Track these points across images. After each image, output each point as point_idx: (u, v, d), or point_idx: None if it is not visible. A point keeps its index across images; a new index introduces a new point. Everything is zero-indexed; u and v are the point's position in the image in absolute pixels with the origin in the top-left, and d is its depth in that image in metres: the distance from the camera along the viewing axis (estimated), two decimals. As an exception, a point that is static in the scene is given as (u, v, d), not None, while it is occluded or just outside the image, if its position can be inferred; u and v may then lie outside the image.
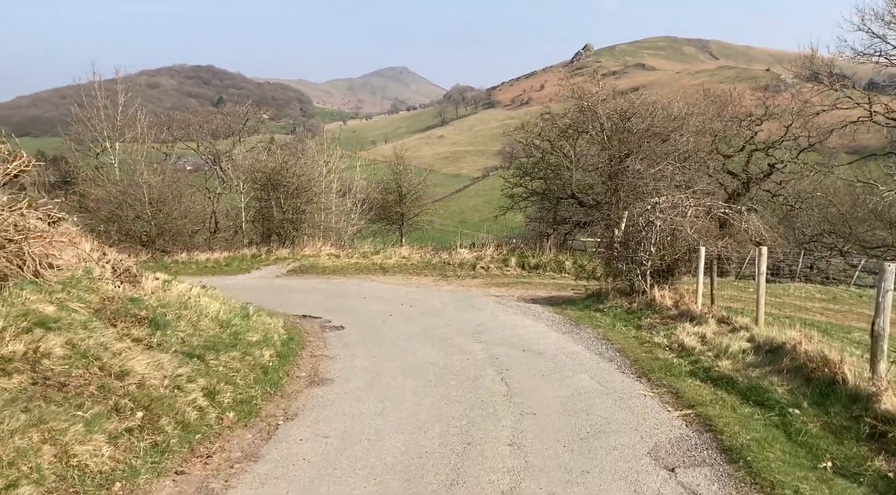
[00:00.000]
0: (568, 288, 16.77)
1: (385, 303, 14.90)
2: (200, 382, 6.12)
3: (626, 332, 10.27)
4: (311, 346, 9.85)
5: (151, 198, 29.61)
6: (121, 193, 30.01)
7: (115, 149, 33.74)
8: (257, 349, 8.05)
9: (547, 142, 20.72)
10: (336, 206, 29.93)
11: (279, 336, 9.42)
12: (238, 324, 8.87)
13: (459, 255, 20.65)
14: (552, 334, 10.43)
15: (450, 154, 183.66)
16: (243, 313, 9.77)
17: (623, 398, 6.85)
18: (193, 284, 11.55)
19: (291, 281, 20.35)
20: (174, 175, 33.20)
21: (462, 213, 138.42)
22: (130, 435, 4.71)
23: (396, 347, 9.72)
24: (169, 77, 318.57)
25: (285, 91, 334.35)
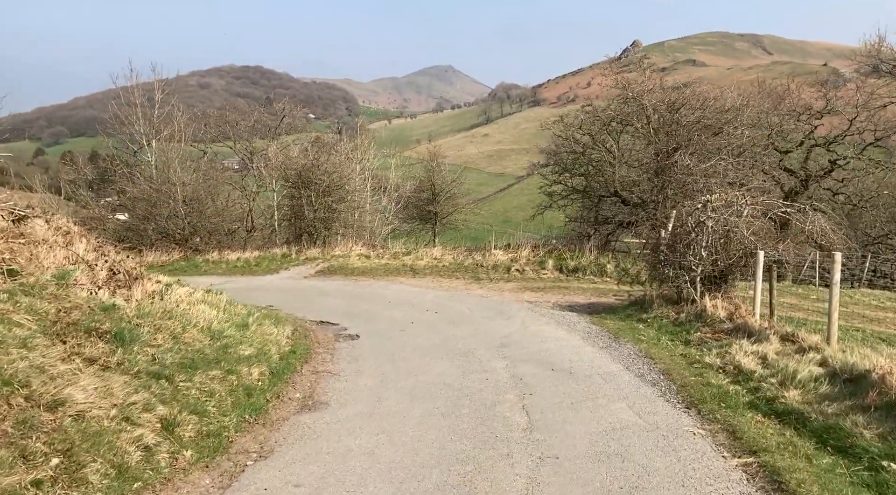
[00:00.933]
0: (609, 293, 15.47)
1: (409, 308, 13.88)
2: (159, 411, 5.16)
3: (673, 349, 8.98)
4: (317, 360, 8.87)
5: (185, 197, 29.28)
6: (155, 191, 29.79)
7: (151, 147, 33.64)
8: (246, 365, 7.09)
9: (588, 136, 19.35)
10: (370, 205, 29.10)
11: (279, 348, 8.45)
12: (231, 336, 7.94)
13: (493, 257, 19.49)
14: (587, 349, 9.21)
15: (494, 152, 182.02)
16: (242, 322, 8.85)
17: (667, 437, 5.62)
18: (197, 288, 10.73)
19: (318, 282, 19.55)
20: (209, 173, 32.90)
21: (506, 213, 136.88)
22: (37, 490, 3.75)
23: (410, 363, 8.65)
24: (218, 77, 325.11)
25: (331, 90, 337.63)
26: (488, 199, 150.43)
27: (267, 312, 11.80)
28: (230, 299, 11.06)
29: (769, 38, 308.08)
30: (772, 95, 27.52)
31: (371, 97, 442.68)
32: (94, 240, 11.61)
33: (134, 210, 31.01)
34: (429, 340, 10.19)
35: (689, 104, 17.63)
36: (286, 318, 12.08)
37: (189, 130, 36.69)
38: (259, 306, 15.24)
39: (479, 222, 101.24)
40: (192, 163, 33.16)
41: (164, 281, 10.41)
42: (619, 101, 18.80)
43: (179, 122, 34.66)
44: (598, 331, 10.57)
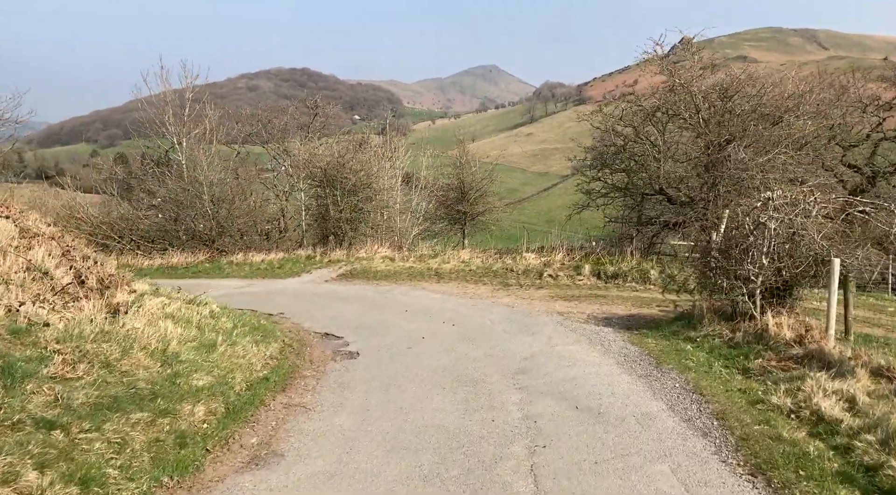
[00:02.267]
0: (652, 303, 13.72)
1: (426, 319, 12.45)
2: (25, 481, 3.83)
3: (728, 380, 7.29)
4: (297, 387, 7.48)
5: (213, 196, 28.49)
6: (182, 191, 29.10)
7: (182, 147, 33.02)
8: (192, 402, 5.74)
9: (630, 127, 17.56)
10: (399, 205, 27.78)
11: (248, 375, 7.10)
12: (188, 361, 6.62)
13: (524, 261, 17.89)
14: (622, 379, 7.58)
15: (538, 152, 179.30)
16: (210, 342, 7.52)
17: (727, 527, 4.03)
18: (176, 298, 9.49)
19: (338, 287, 18.30)
20: (237, 172, 32.12)
21: (550, 212, 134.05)
22: None
23: (405, 393, 7.19)
24: (266, 80, 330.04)
25: (376, 92, 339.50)
26: (532, 199, 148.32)
27: (260, 325, 10.52)
28: (215, 311, 9.80)
29: (825, 33, 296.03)
30: (833, 85, 25.13)
31: (416, 98, 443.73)
32: (70, 242, 10.51)
33: (163, 210, 30.39)
34: (436, 361, 8.72)
35: (744, 91, 15.71)
36: (281, 332, 10.79)
37: (221, 129, 36.04)
38: (269, 314, 14.28)
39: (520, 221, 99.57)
40: (222, 162, 32.42)
41: (141, 289, 9.21)
42: (664, 89, 16.97)
43: (211, 121, 33.99)
44: (638, 353, 8.91)
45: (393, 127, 62.11)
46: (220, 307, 10.96)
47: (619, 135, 17.70)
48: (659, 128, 17.07)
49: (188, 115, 33.61)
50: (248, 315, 11.32)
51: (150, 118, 33.16)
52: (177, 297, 9.66)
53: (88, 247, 27.63)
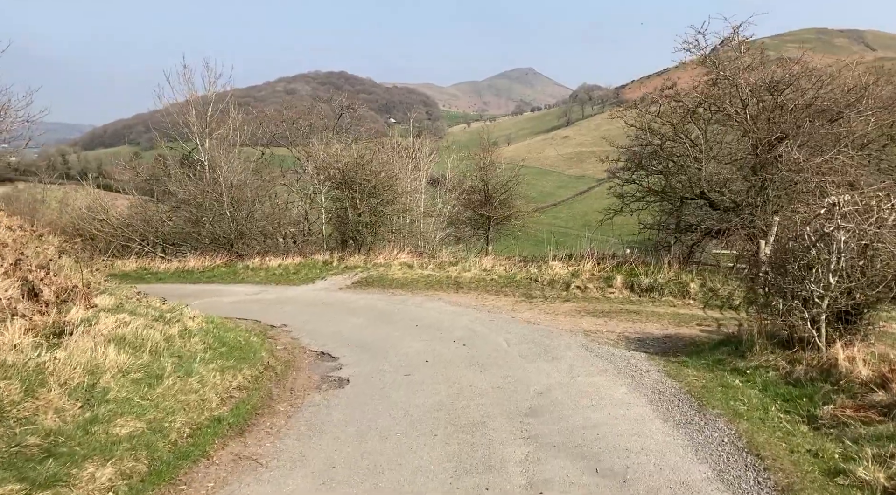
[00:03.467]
0: (692, 322, 12.16)
1: (435, 337, 11.14)
2: None
3: (792, 434, 5.78)
4: (258, 429, 6.21)
5: (233, 198, 27.65)
6: (201, 193, 28.34)
7: (204, 148, 32.29)
8: (100, 461, 4.51)
9: (668, 125, 15.94)
10: (424, 208, 26.52)
11: (195, 418, 5.84)
12: (119, 400, 5.41)
13: (550, 270, 16.41)
14: (657, 427, 6.13)
15: (574, 154, 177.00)
16: (156, 372, 6.30)
17: None
18: (144, 313, 8.32)
19: (350, 295, 17.14)
20: (260, 174, 31.26)
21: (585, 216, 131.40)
22: None
23: (386, 443, 5.86)
24: (304, 83, 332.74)
25: (411, 95, 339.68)
26: (567, 202, 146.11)
27: (242, 344, 9.32)
28: (190, 328, 8.60)
29: (872, 34, 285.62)
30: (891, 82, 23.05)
31: (451, 101, 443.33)
32: (34, 249, 9.45)
33: (182, 212, 29.68)
34: (434, 396, 7.37)
35: (798, 85, 14.01)
36: (268, 352, 9.59)
37: (246, 130, 35.26)
38: (271, 325, 13.25)
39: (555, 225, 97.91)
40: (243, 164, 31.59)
41: (103, 304, 8.06)
42: (706, 82, 15.33)
43: (234, 121, 33.22)
44: (676, 389, 7.41)
45: (427, 129, 60.89)
46: (201, 322, 9.81)
47: (655, 133, 16.09)
48: (700, 126, 15.42)
49: (211, 115, 32.88)
50: (233, 332, 10.15)
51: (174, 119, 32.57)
52: (147, 312, 8.50)
53: (85, 251, 26.84)
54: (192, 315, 10.13)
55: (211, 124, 32.36)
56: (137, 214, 32.36)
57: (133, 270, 25.36)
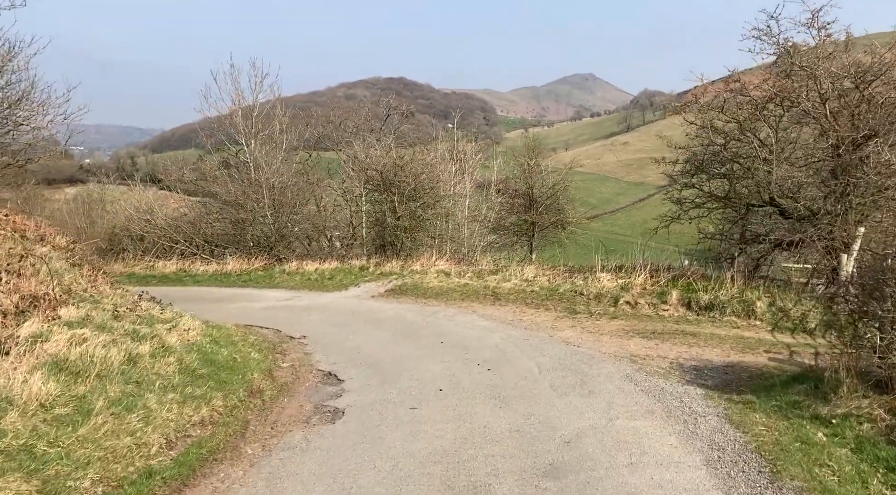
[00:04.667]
0: (759, 348, 10.46)
1: (458, 358, 9.85)
2: None
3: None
4: (201, 488, 5.01)
5: (274, 201, 27.05)
6: (242, 194, 27.84)
7: (249, 148, 31.86)
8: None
9: (733, 122, 14.13)
10: (467, 212, 25.23)
11: (118, 470, 4.69)
12: (14, 448, 4.30)
13: (598, 283, 14.84)
14: (714, 501, 4.67)
15: (633, 161, 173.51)
16: (86, 408, 5.18)
17: None
18: (117, 328, 7.30)
19: (381, 305, 16.04)
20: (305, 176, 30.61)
21: (644, 223, 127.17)
22: None
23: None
24: (364, 89, 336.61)
25: (470, 100, 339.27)
26: (626, 209, 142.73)
27: (237, 363, 8.23)
28: (170, 345, 7.55)
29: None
30: None
31: (509, 106, 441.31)
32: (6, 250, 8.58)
33: (226, 214, 29.27)
34: (435, 441, 6.06)
35: (890, 75, 12.08)
36: (264, 372, 8.47)
37: (293, 131, 34.74)
38: (290, 337, 12.35)
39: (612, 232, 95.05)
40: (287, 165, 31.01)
41: (68, 317, 7.08)
42: (778, 74, 13.50)
43: (281, 121, 32.69)
44: (740, 443, 5.88)
45: (484, 134, 59.20)
46: (195, 335, 8.80)
47: (718, 132, 14.31)
48: (771, 124, 13.60)
49: (256, 116, 32.41)
50: (230, 347, 9.11)
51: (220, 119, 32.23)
52: (123, 325, 7.48)
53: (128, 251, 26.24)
54: (186, 326, 9.15)
55: (257, 125, 31.89)
56: (184, 216, 32.25)
57: (173, 272, 25.02)
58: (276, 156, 29.75)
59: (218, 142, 33.97)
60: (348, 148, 25.65)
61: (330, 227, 29.05)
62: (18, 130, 19.81)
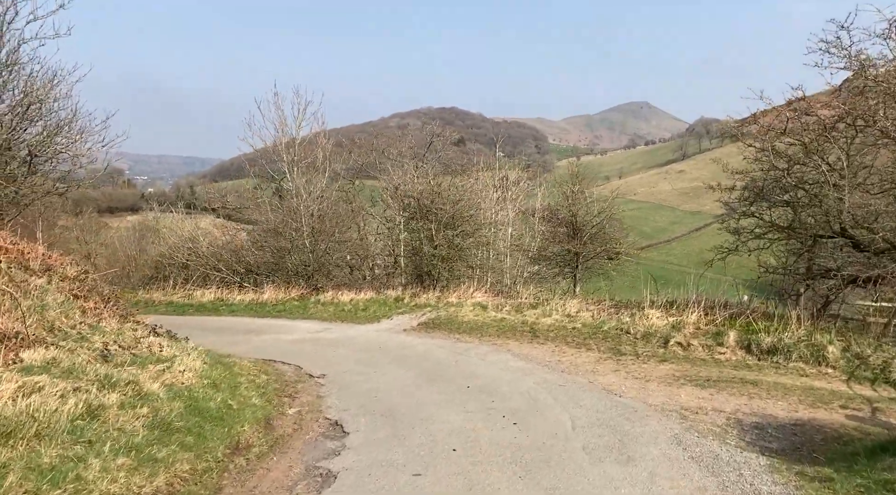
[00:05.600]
0: (833, 401, 9.01)
1: (483, 407, 8.76)
2: None
3: None
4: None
5: (312, 229, 26.61)
6: (281, 222, 27.53)
7: (291, 175, 31.64)
8: None
9: (798, 145, 12.70)
10: (509, 242, 24.15)
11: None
12: None
13: (646, 320, 13.51)
14: None
15: (689, 190, 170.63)
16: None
17: None
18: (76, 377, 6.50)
19: (412, 339, 15.14)
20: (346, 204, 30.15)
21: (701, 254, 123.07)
22: None
23: None
24: (416, 118, 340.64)
25: (521, 129, 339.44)
26: (681, 239, 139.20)
27: (225, 412, 7.34)
28: (149, 392, 6.72)
29: None
30: None
31: (562, 135, 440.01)
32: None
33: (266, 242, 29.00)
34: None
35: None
36: (257, 422, 7.56)
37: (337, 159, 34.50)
38: (310, 375, 11.42)
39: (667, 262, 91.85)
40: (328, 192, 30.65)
41: (36, 359, 6.33)
42: (850, 90, 12.11)
43: (324, 148, 32.41)
44: (818, 542, 4.62)
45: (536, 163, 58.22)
46: (190, 377, 7.98)
47: (780, 155, 12.93)
48: (841, 146, 12.17)
49: (299, 143, 32.25)
50: (227, 392, 8.25)
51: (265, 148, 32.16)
52: (96, 370, 6.68)
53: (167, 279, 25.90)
54: (182, 367, 8.35)
55: (299, 152, 31.71)
56: (227, 243, 32.23)
57: (210, 301, 24.78)
58: (317, 184, 29.41)
59: (262, 171, 33.96)
60: (385, 174, 24.96)
61: (372, 256, 28.44)
62: (58, 158, 19.85)
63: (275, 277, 26.46)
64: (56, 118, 18.80)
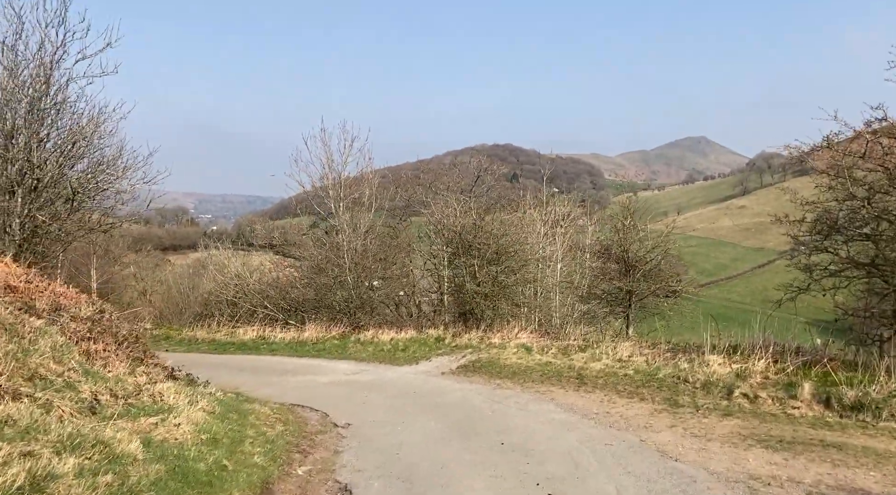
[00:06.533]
0: (939, 474, 7.49)
1: (515, 471, 7.66)
2: None
3: None
4: None
5: (355, 264, 26.05)
6: (324, 259, 27.12)
7: (337, 212, 31.29)
8: None
9: (879, 171, 11.22)
10: (558, 279, 22.93)
11: None
12: None
13: (706, 368, 12.08)
14: None
15: (752, 225, 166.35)
16: None
17: None
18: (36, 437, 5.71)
19: (449, 384, 14.16)
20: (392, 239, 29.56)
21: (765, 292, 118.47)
22: None
23: None
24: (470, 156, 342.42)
25: (576, 165, 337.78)
26: (744, 276, 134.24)
27: (216, 476, 6.45)
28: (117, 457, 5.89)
29: None
30: None
31: (618, 170, 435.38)
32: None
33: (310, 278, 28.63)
34: None
35: None
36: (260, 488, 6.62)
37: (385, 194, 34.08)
38: (335, 424, 10.55)
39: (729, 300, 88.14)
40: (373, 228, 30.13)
41: None
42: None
43: (371, 184, 32.03)
44: None
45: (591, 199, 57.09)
46: (185, 432, 7.16)
47: (859, 183, 11.50)
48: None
49: (345, 180, 31.94)
50: (219, 453, 7.37)
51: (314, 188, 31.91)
52: (59, 429, 5.90)
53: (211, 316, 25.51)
54: (178, 421, 7.55)
55: (345, 188, 31.38)
56: (275, 280, 32.07)
57: (251, 339, 24.42)
58: (362, 220, 28.99)
59: (308, 207, 33.80)
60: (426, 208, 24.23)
61: (418, 293, 27.68)
62: (102, 195, 19.83)
63: (318, 314, 26.00)
64: (100, 155, 18.88)
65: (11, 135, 16.61)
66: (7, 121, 16.50)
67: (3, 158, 16.53)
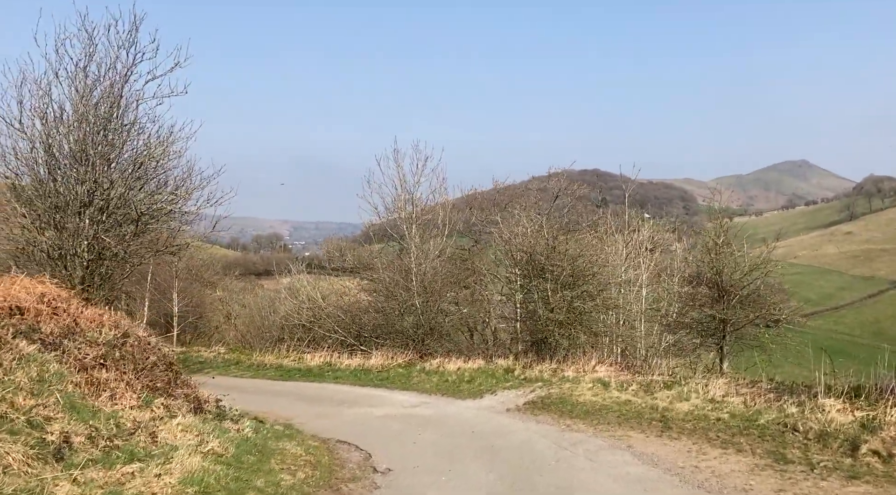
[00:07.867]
0: None
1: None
2: None
3: None
4: None
5: (424, 287, 24.89)
6: (391, 282, 26.07)
7: (410, 234, 30.31)
8: None
9: None
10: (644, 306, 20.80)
11: None
12: None
13: (821, 414, 9.87)
14: None
15: (860, 253, 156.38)
16: None
17: None
18: None
19: (513, 422, 12.66)
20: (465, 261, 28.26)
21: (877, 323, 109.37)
22: None
23: None
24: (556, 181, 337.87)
25: (668, 190, 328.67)
26: (853, 306, 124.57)
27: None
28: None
29: None
30: None
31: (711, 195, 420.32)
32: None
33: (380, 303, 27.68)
34: None
35: None
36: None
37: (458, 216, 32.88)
38: (374, 469, 9.46)
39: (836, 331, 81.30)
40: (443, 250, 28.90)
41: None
42: None
43: (445, 206, 30.89)
44: None
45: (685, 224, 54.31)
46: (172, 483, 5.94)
47: None
48: None
49: (417, 200, 30.93)
50: None
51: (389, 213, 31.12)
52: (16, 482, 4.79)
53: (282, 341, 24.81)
54: (161, 471, 6.38)
55: (416, 209, 30.36)
56: (348, 305, 31.39)
57: (317, 365, 23.73)
58: (433, 242, 27.84)
59: (380, 229, 33.01)
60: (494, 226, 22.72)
61: (493, 319, 26.17)
62: (170, 216, 19.56)
63: (389, 339, 24.99)
64: (167, 176, 18.64)
65: (82, 157, 16.51)
66: (78, 142, 16.43)
67: (74, 179, 16.45)
